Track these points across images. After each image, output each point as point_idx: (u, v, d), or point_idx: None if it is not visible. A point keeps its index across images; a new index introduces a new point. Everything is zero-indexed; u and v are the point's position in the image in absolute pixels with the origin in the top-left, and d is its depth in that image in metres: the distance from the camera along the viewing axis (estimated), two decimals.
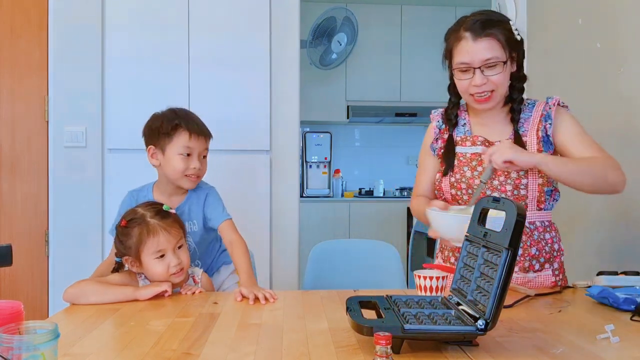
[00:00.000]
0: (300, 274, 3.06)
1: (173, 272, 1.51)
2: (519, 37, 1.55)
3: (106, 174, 3.00)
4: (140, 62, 2.96)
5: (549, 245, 1.60)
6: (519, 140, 1.56)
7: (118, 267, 1.58)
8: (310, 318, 1.27)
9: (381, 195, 5.05)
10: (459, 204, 1.64)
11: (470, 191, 1.59)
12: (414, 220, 4.24)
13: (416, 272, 1.42)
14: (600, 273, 1.52)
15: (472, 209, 1.40)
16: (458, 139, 1.65)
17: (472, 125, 1.67)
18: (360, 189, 5.18)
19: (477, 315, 1.03)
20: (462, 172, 1.60)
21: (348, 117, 4.98)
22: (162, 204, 1.59)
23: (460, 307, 1.12)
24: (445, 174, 1.65)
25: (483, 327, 1.00)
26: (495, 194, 1.56)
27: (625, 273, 1.51)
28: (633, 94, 2.18)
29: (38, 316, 2.84)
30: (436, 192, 1.68)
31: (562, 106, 1.63)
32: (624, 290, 1.36)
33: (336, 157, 5.16)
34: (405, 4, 4.88)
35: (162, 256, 1.51)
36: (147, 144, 1.77)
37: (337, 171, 5.14)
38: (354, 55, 4.89)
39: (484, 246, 1.14)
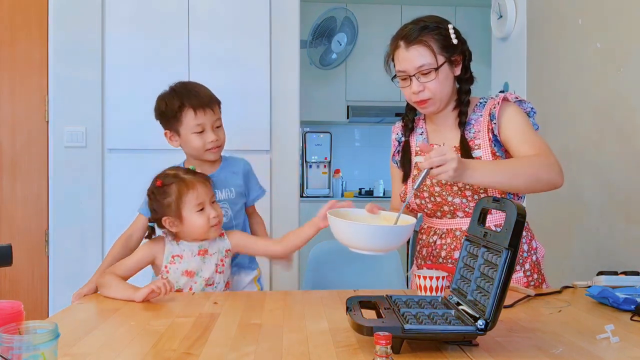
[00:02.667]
0: (300, 274, 3.06)
1: (213, 224, 1.55)
2: (455, 41, 1.54)
3: (106, 174, 3.00)
4: (140, 62, 2.96)
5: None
6: (465, 145, 1.55)
7: (150, 233, 1.63)
8: (310, 318, 1.27)
9: (381, 195, 5.05)
10: (426, 213, 1.65)
11: (432, 199, 1.59)
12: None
13: (416, 272, 1.42)
14: (600, 273, 1.52)
15: (395, 215, 1.42)
16: (417, 148, 1.67)
17: (429, 133, 1.68)
18: (360, 189, 5.18)
19: (477, 315, 1.03)
20: None
21: (348, 117, 4.98)
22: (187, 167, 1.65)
23: (460, 307, 1.12)
24: (404, 180, 1.67)
25: (483, 327, 1.00)
26: (457, 200, 1.56)
27: (625, 273, 1.51)
28: (633, 94, 2.18)
29: (38, 316, 2.84)
30: (403, 202, 1.68)
31: (517, 100, 1.60)
32: (624, 290, 1.36)
33: (336, 157, 5.16)
34: (405, 4, 4.88)
35: (201, 210, 1.54)
36: (164, 128, 1.78)
37: (337, 171, 5.14)
38: (354, 55, 4.89)
39: (484, 246, 1.14)
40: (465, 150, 1.54)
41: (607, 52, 2.35)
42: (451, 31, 1.55)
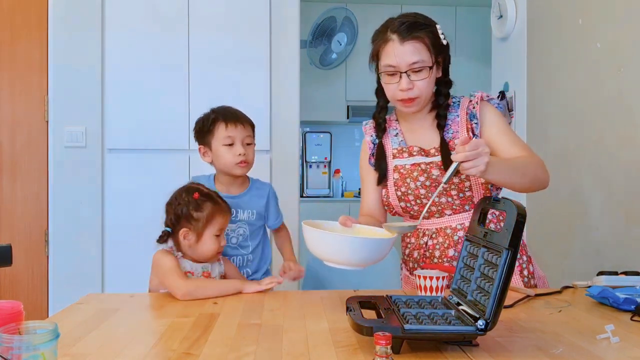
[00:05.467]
0: None
1: (220, 251, 1.62)
2: (445, 42, 1.53)
3: (106, 174, 3.00)
4: (140, 62, 2.96)
5: None
6: (445, 146, 1.54)
7: (163, 237, 1.59)
8: (310, 318, 1.27)
9: None
10: (411, 215, 1.63)
11: (418, 201, 1.58)
12: None
13: (416, 272, 1.42)
14: (600, 273, 1.52)
15: (368, 228, 1.43)
16: (395, 151, 1.63)
17: (405, 134, 1.65)
18: (360, 189, 5.18)
19: (477, 316, 1.03)
20: (406, 184, 1.58)
21: (348, 117, 4.98)
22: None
23: (460, 307, 1.12)
24: (378, 183, 1.64)
25: (483, 327, 1.00)
26: (442, 199, 1.55)
27: (625, 273, 1.51)
28: (633, 94, 2.18)
29: (38, 316, 2.84)
30: (386, 207, 1.67)
31: (487, 99, 1.60)
32: (624, 290, 1.36)
33: (336, 157, 5.16)
34: (405, 4, 4.88)
35: (218, 236, 1.59)
36: (198, 146, 1.87)
37: (337, 171, 5.14)
38: (354, 55, 4.89)
39: (484, 246, 1.14)
40: (446, 151, 1.53)
41: (607, 52, 2.35)
42: (440, 31, 1.53)
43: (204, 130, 1.82)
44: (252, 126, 1.87)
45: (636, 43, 2.17)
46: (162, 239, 1.60)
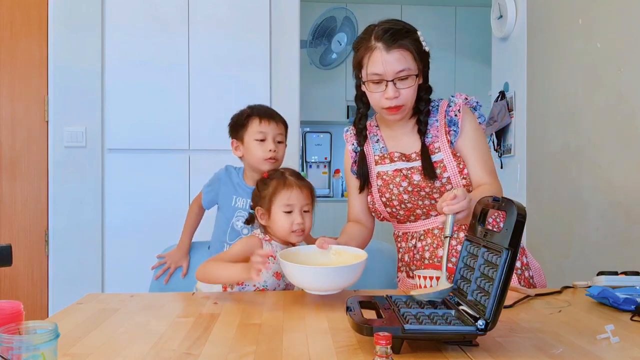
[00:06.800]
0: None
1: (294, 230, 1.57)
2: (427, 49, 1.53)
3: (106, 174, 3.01)
4: (140, 62, 2.96)
5: None
6: (426, 152, 1.55)
7: (251, 219, 1.69)
8: (310, 318, 1.27)
9: None
10: (398, 220, 1.64)
11: (403, 206, 1.58)
12: None
13: (416, 272, 1.42)
14: (600, 273, 1.52)
15: (344, 248, 1.45)
16: (376, 157, 1.64)
17: (386, 140, 1.65)
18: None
19: (477, 315, 1.03)
20: (389, 190, 1.59)
21: (348, 117, 4.99)
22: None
23: (460, 307, 1.12)
24: (361, 190, 1.66)
25: (483, 327, 1.00)
26: (426, 202, 1.56)
27: (625, 273, 1.51)
28: (633, 94, 2.18)
29: (38, 316, 2.84)
30: (373, 214, 1.67)
31: (467, 102, 1.60)
32: (624, 290, 1.36)
33: (336, 157, 5.16)
34: (405, 4, 4.88)
35: (289, 212, 1.57)
36: (231, 140, 1.91)
37: (337, 171, 5.14)
38: None
39: (484, 246, 1.14)
40: (426, 157, 1.54)
41: (607, 52, 2.35)
42: (421, 38, 1.53)
43: (238, 124, 1.85)
44: (286, 125, 1.90)
45: (636, 43, 2.17)
46: (247, 222, 1.72)
